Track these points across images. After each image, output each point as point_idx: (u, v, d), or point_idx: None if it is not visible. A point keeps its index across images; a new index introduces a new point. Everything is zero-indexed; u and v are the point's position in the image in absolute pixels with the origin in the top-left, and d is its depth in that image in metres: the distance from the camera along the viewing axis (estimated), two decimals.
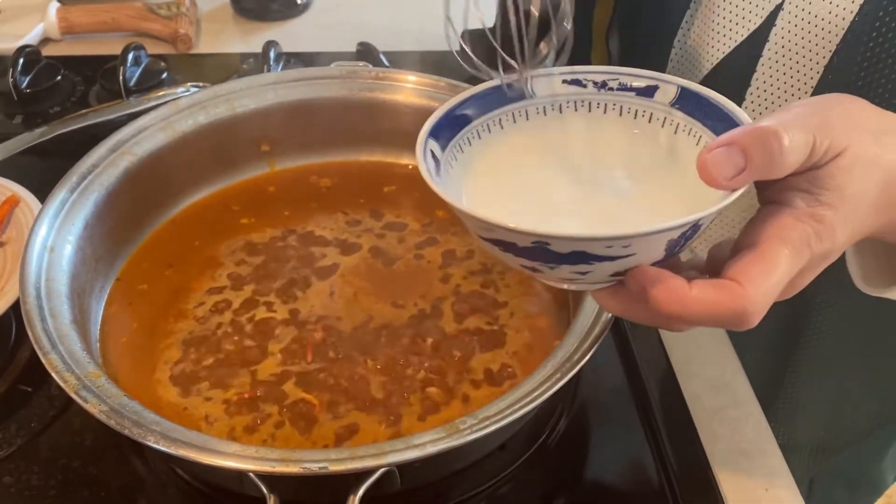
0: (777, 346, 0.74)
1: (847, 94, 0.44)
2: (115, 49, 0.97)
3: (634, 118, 0.49)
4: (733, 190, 0.40)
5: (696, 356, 0.67)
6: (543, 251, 0.40)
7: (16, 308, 0.63)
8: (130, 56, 0.95)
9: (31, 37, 1.04)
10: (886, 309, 0.58)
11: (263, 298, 0.66)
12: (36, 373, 0.63)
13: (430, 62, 0.92)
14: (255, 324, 0.64)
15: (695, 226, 0.40)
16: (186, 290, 0.67)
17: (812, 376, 0.75)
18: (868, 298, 0.54)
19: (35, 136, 0.86)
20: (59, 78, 0.96)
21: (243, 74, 0.93)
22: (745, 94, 0.64)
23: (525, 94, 0.49)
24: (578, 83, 0.50)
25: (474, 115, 0.49)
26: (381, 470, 0.49)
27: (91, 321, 0.63)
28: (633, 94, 0.49)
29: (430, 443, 0.49)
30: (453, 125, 0.48)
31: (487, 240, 0.43)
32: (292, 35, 1.07)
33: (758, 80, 0.63)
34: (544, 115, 0.50)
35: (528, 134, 0.50)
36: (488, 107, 0.49)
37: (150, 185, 0.71)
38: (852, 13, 0.56)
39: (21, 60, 0.95)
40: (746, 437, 0.62)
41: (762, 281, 0.40)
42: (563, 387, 0.51)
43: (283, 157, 0.78)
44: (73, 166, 0.67)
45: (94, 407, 0.50)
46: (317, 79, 0.76)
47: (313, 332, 0.63)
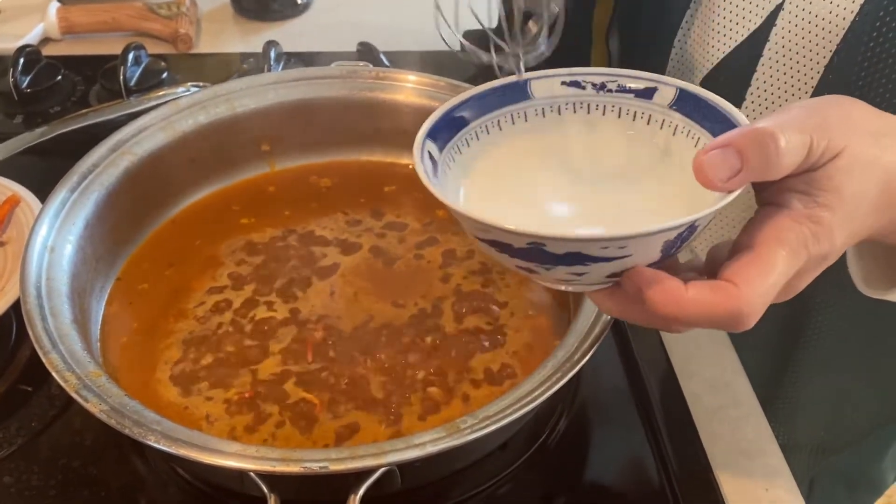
0: (777, 346, 0.74)
1: (846, 96, 0.44)
2: (115, 49, 0.97)
3: (633, 120, 0.49)
4: (730, 191, 0.40)
5: (695, 356, 0.68)
6: (539, 252, 0.40)
7: (16, 308, 0.63)
8: (131, 56, 0.95)
9: (31, 36, 1.04)
10: (886, 309, 0.58)
11: (264, 298, 0.66)
12: (36, 372, 0.63)
13: (430, 62, 0.92)
14: (255, 323, 0.64)
15: (691, 227, 0.40)
16: (187, 290, 0.67)
17: (812, 376, 0.75)
18: (868, 299, 0.54)
19: (35, 135, 0.86)
20: (59, 78, 0.96)
21: (243, 74, 0.93)
22: (745, 94, 0.64)
23: (516, 72, 0.49)
24: (577, 85, 0.50)
25: (472, 117, 0.49)
26: (382, 469, 0.49)
27: (91, 321, 0.64)
28: (631, 95, 0.49)
29: (430, 442, 0.49)
30: (451, 127, 0.48)
31: (484, 241, 0.43)
32: (292, 35, 1.07)
33: (758, 80, 0.63)
34: (543, 116, 0.50)
35: (526, 136, 0.50)
36: (487, 108, 0.49)
37: (150, 184, 0.71)
38: (853, 13, 0.56)
39: (21, 60, 0.95)
40: (746, 437, 0.62)
41: (759, 283, 0.40)
42: (564, 387, 0.52)
43: (284, 157, 0.78)
44: (73, 166, 0.67)
45: (94, 406, 0.50)
46: (317, 78, 0.76)
47: (314, 332, 0.63)
